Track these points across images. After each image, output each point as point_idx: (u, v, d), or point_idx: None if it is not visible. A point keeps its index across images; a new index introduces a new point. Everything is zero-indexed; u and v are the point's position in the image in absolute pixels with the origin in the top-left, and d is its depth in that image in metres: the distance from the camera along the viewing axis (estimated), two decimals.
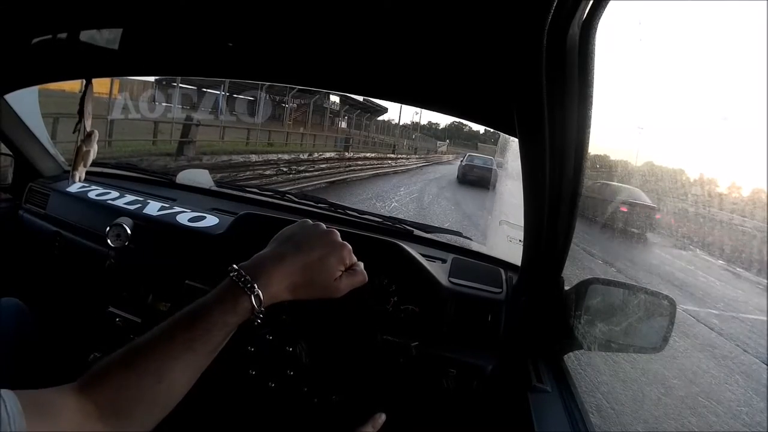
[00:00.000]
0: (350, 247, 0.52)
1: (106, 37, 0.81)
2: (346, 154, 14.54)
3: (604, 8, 0.47)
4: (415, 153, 26.52)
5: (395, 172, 15.15)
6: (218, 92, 12.26)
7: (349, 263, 0.51)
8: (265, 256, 0.49)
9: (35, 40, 0.81)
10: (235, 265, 0.46)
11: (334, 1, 0.60)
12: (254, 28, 0.73)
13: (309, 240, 0.50)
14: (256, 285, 0.45)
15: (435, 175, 16.34)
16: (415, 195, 10.04)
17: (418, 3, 0.56)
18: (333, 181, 9.70)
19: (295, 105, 16.14)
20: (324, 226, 0.53)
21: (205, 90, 12.23)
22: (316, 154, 11.58)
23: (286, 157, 10.18)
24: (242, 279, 0.45)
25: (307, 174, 9.46)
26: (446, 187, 12.72)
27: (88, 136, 1.16)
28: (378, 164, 15.12)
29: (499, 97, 0.71)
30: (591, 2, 0.46)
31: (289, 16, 0.67)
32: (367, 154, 16.20)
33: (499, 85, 0.67)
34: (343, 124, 21.32)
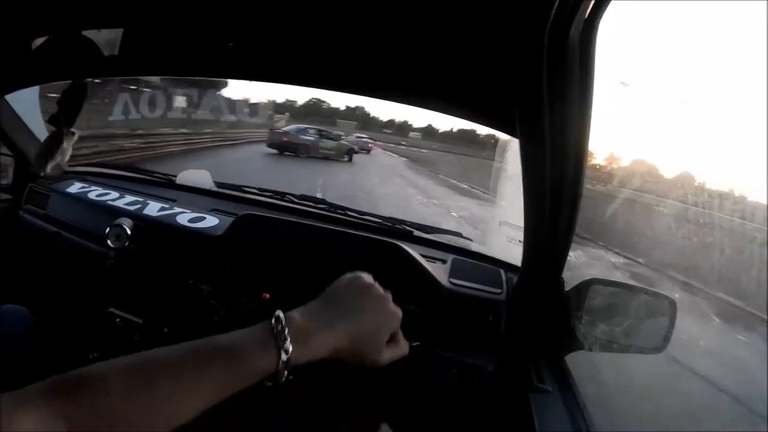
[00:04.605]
0: (401, 314, 0.49)
1: (106, 37, 0.81)
2: None
3: (605, 8, 0.47)
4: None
5: None
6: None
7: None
8: (314, 318, 0.43)
9: (35, 40, 0.81)
10: (281, 314, 0.41)
11: (335, 1, 0.60)
12: (255, 28, 0.73)
13: (363, 305, 0.46)
14: (289, 345, 0.39)
15: None
16: None
17: (420, 2, 0.56)
18: None
19: None
20: (379, 288, 0.49)
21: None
22: None
23: None
24: (280, 331, 0.39)
25: None
26: None
27: (69, 134, 1.17)
28: None
29: (499, 97, 0.71)
30: (592, 2, 0.46)
31: (290, 15, 0.67)
32: None
33: (500, 84, 0.67)
34: None
